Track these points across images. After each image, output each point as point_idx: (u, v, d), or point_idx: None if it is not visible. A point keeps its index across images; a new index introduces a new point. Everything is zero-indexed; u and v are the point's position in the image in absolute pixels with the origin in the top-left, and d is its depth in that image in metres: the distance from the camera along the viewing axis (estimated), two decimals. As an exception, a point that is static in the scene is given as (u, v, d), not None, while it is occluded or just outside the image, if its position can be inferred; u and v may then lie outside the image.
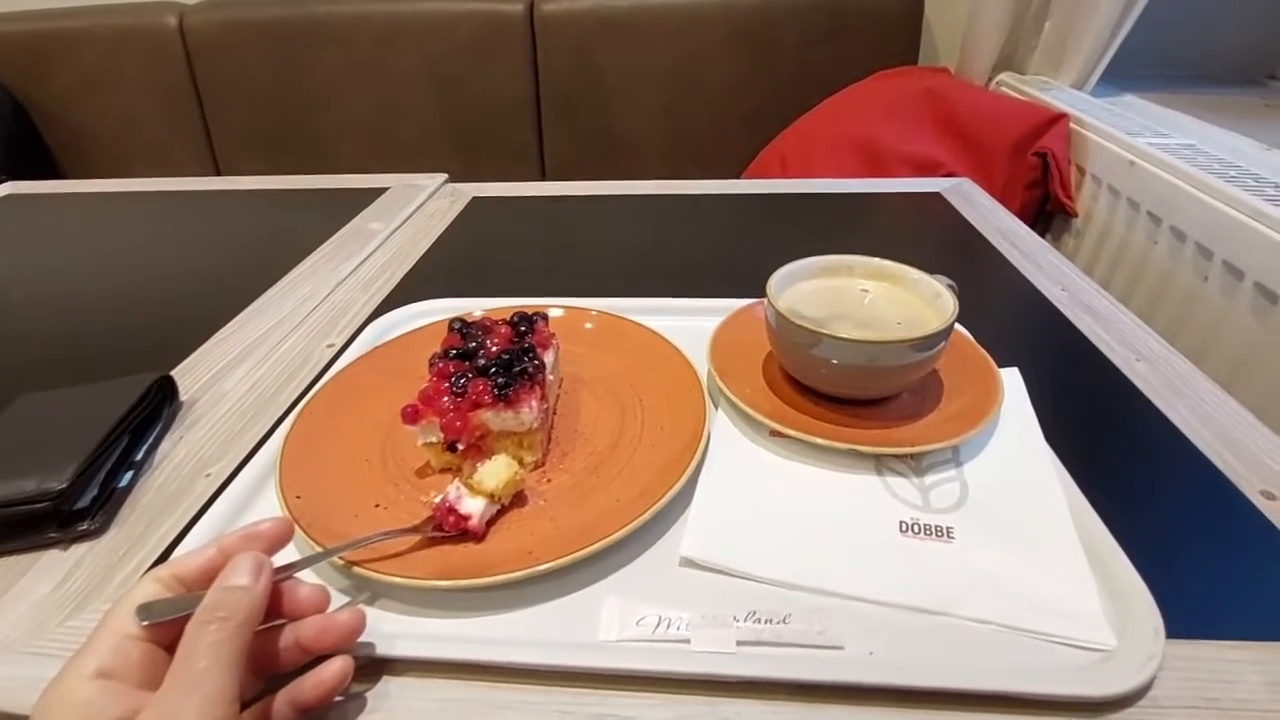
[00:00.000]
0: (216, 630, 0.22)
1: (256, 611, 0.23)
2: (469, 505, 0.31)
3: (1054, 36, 1.14)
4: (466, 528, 0.31)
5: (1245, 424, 0.40)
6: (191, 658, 0.21)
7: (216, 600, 0.23)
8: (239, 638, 0.22)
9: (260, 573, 0.24)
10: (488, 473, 0.32)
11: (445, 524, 0.31)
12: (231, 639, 0.22)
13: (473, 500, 0.31)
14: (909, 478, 0.36)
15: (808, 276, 0.43)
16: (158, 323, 0.57)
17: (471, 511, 0.31)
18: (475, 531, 0.31)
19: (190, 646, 0.22)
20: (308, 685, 0.25)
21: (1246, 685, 0.26)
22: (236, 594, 0.23)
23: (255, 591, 0.23)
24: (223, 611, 0.22)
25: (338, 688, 0.25)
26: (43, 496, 0.34)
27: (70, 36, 1.38)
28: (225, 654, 0.22)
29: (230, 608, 0.23)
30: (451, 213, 0.77)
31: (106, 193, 0.89)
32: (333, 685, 0.25)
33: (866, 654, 0.27)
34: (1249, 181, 0.72)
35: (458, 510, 0.31)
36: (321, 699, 0.25)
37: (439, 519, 0.31)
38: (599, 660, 0.27)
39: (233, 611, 0.22)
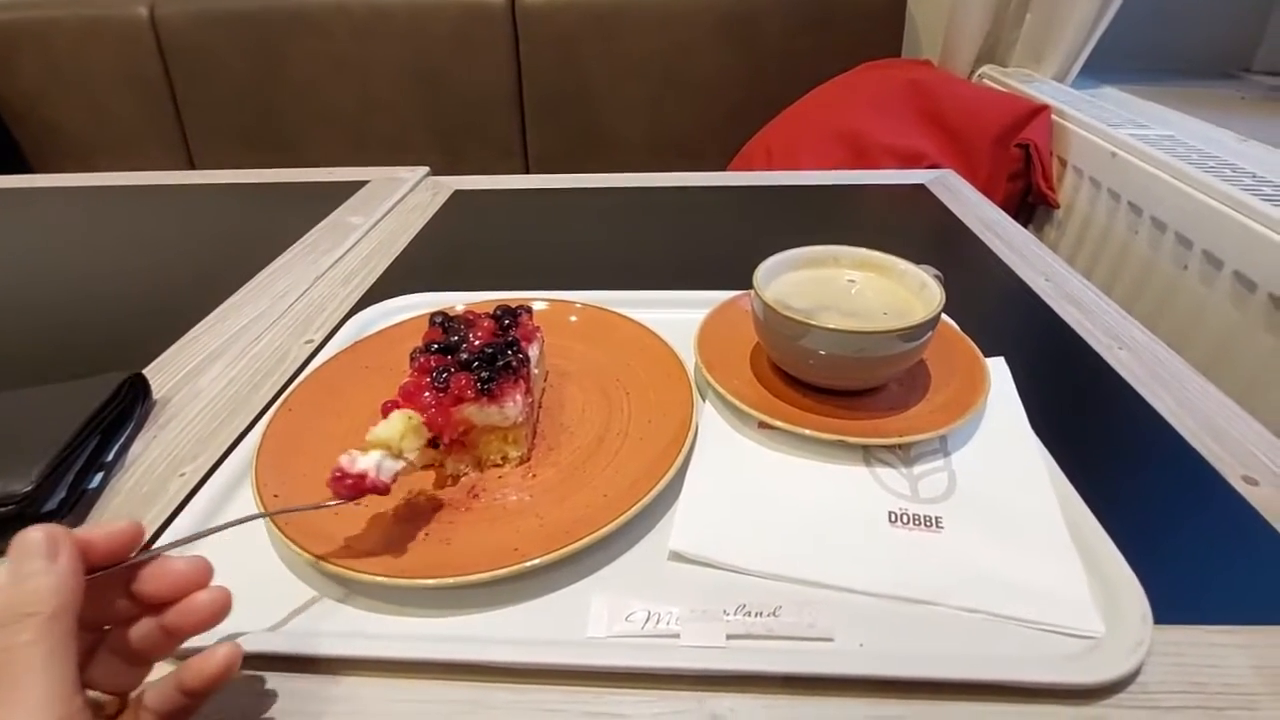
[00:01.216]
0: (24, 629, 0.19)
1: (68, 595, 0.20)
2: (362, 463, 0.29)
3: (1035, 29, 1.15)
4: (364, 487, 0.29)
5: (1226, 411, 0.41)
6: (4, 667, 0.19)
7: (16, 596, 0.20)
8: (56, 629, 0.19)
9: (56, 551, 0.20)
10: (380, 428, 0.30)
11: (340, 490, 0.29)
12: (46, 634, 0.19)
13: (366, 457, 0.30)
14: (897, 468, 0.36)
15: (794, 268, 0.43)
16: (129, 320, 0.56)
17: (366, 468, 0.29)
18: (375, 486, 0.29)
19: (2, 655, 0.19)
20: (190, 674, 0.23)
21: (1233, 669, 0.26)
22: (37, 581, 0.20)
23: (58, 571, 0.20)
24: (29, 605, 0.19)
25: (222, 676, 0.23)
26: (7, 499, 0.32)
27: (38, 27, 1.34)
28: (44, 651, 0.19)
29: (36, 599, 0.19)
30: (433, 206, 0.76)
31: (76, 187, 0.87)
32: (216, 674, 0.23)
33: (857, 645, 0.27)
34: (1227, 172, 0.73)
35: (350, 472, 0.29)
36: (205, 686, 0.23)
37: (333, 487, 0.29)
38: (589, 657, 0.27)
39: (39, 602, 0.19)
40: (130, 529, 0.23)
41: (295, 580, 0.31)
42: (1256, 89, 1.16)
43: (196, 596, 0.23)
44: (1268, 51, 1.25)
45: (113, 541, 0.23)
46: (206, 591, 0.23)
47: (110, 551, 0.23)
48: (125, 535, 0.23)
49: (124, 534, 0.23)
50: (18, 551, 0.21)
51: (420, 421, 0.32)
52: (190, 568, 0.23)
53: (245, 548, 0.32)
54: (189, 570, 0.23)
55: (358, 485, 0.30)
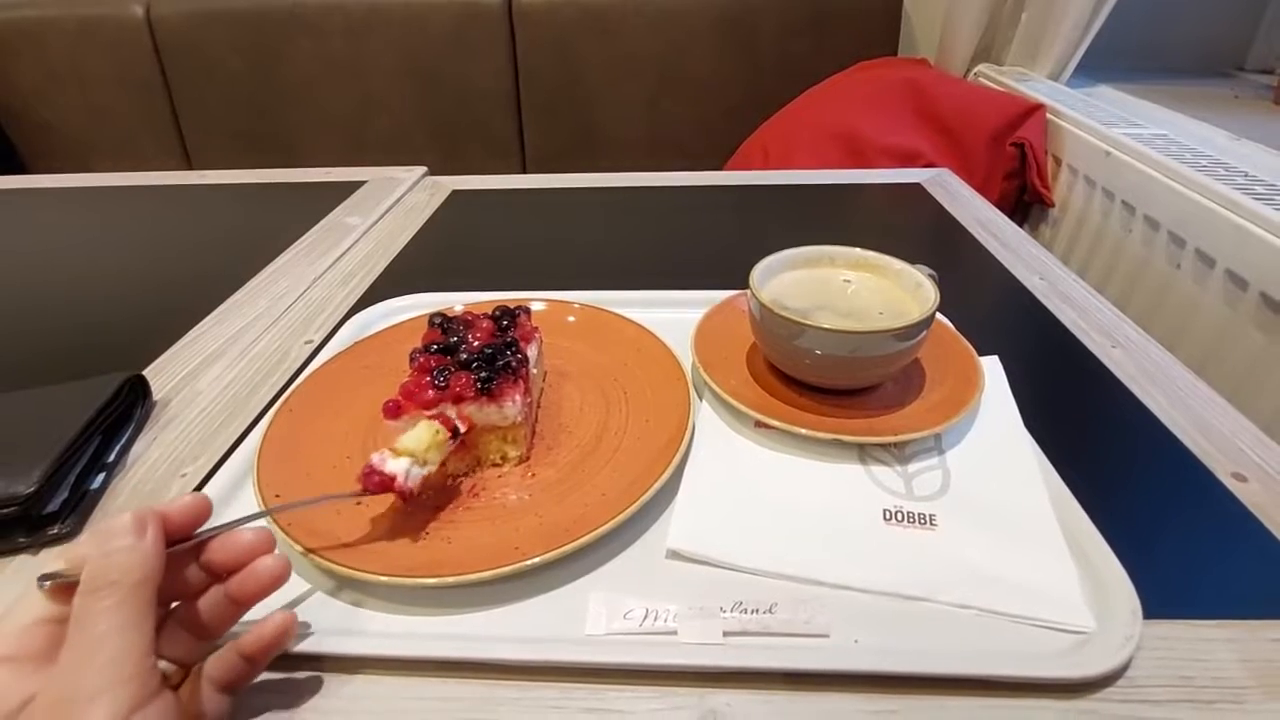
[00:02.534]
0: (108, 594, 0.21)
1: (151, 568, 0.22)
2: (393, 465, 0.31)
3: (1030, 28, 1.15)
4: (392, 487, 0.31)
5: (1217, 408, 0.41)
6: (85, 626, 0.21)
7: (103, 565, 0.22)
8: (136, 598, 0.21)
9: (144, 528, 0.23)
10: (409, 437, 0.32)
11: (370, 485, 0.31)
12: (126, 601, 0.21)
13: (396, 461, 0.31)
14: (892, 466, 0.36)
15: (790, 268, 0.43)
16: (129, 321, 0.56)
17: (396, 471, 0.31)
18: (402, 491, 0.31)
19: (83, 614, 0.21)
20: (249, 639, 0.25)
21: (1221, 663, 0.27)
22: (122, 554, 0.22)
23: (143, 548, 0.22)
24: (114, 574, 0.21)
25: (278, 642, 0.25)
26: (10, 501, 0.33)
27: (34, 27, 1.33)
28: (122, 616, 0.21)
29: (121, 569, 0.21)
30: (431, 206, 0.76)
31: (74, 188, 0.87)
32: (271, 640, 0.25)
33: (852, 642, 0.28)
34: (1219, 171, 0.73)
35: (382, 471, 0.31)
36: (263, 652, 0.25)
37: (364, 482, 0.31)
38: (587, 654, 0.27)
39: (124, 572, 0.21)
40: (201, 502, 0.26)
41: (298, 579, 0.31)
42: (1250, 87, 1.16)
43: (261, 561, 0.25)
44: (1261, 50, 1.26)
45: (187, 513, 0.25)
46: (269, 557, 0.25)
47: (185, 524, 0.25)
48: (198, 507, 0.25)
49: (197, 506, 0.25)
50: (107, 529, 0.23)
51: (445, 437, 0.33)
52: (256, 537, 0.25)
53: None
54: (255, 540, 0.25)
55: (386, 484, 0.31)
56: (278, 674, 0.27)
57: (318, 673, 0.27)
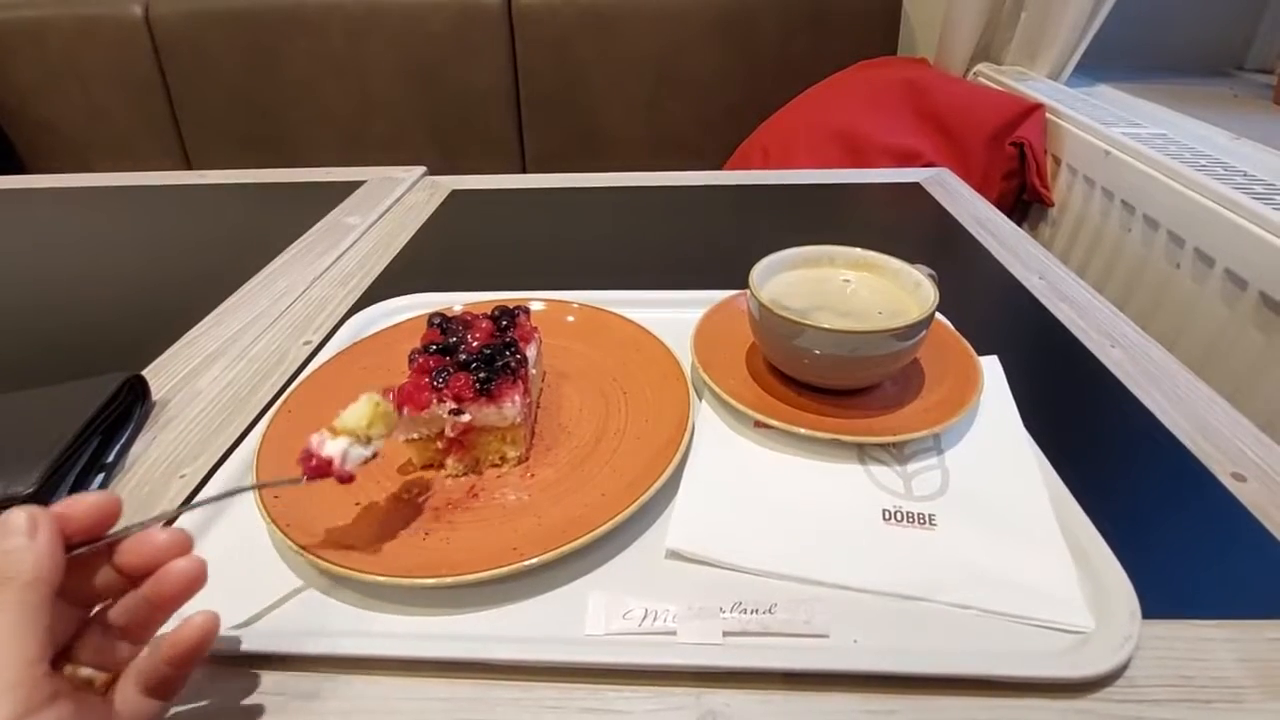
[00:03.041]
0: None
1: (43, 569, 0.21)
2: (330, 448, 0.30)
3: (1030, 28, 1.15)
4: (330, 472, 0.30)
5: (1216, 408, 0.41)
6: None
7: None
8: (27, 598, 0.20)
9: (35, 527, 0.22)
10: (347, 412, 0.31)
11: (307, 468, 0.30)
12: (16, 602, 0.20)
13: (334, 442, 0.30)
14: (891, 466, 0.36)
15: (790, 267, 0.43)
16: (127, 321, 0.56)
17: (333, 453, 0.30)
18: (339, 474, 0.30)
19: None
20: (168, 644, 0.23)
21: (1220, 663, 0.27)
22: (14, 554, 0.21)
23: (35, 548, 0.21)
24: (2, 575, 0.21)
25: (200, 644, 0.23)
26: (9, 501, 0.33)
27: (32, 26, 1.33)
28: (12, 618, 0.20)
29: (10, 569, 0.21)
30: (430, 206, 0.76)
31: (72, 188, 0.87)
32: (193, 643, 0.23)
33: (851, 642, 0.28)
34: (1218, 170, 0.73)
35: (318, 454, 0.30)
36: (185, 656, 0.23)
37: (302, 466, 0.30)
38: (586, 655, 0.27)
39: (14, 573, 0.21)
40: (108, 501, 0.24)
41: (297, 580, 0.31)
42: (1249, 87, 1.16)
43: (174, 564, 0.24)
44: (1260, 49, 1.26)
45: (91, 514, 0.23)
46: (183, 559, 0.24)
47: (89, 524, 0.23)
48: (103, 506, 0.24)
49: (102, 505, 0.24)
50: (1, 524, 0.22)
51: (389, 407, 0.31)
52: (169, 540, 0.24)
53: (248, 548, 0.32)
54: (168, 542, 0.24)
55: (322, 468, 0.30)
56: (276, 675, 0.27)
57: (316, 673, 0.27)
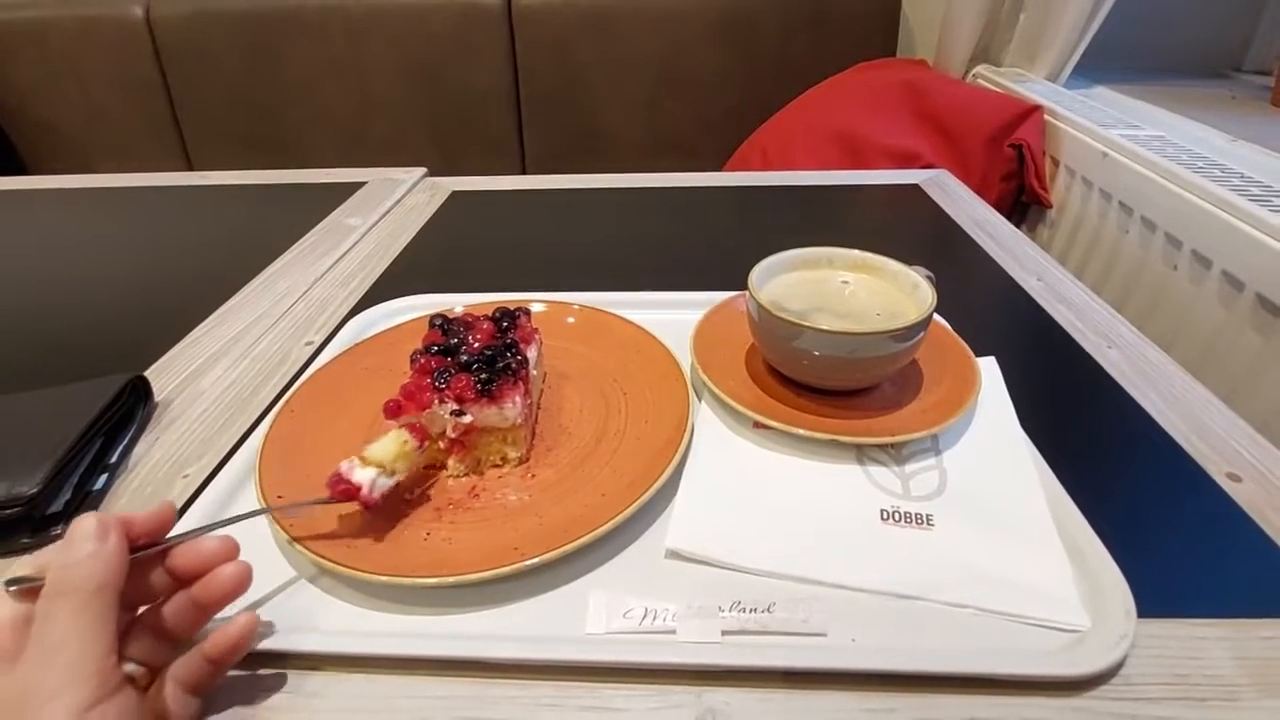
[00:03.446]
0: (69, 598, 0.22)
1: (113, 572, 0.23)
2: (359, 475, 0.31)
3: (1029, 29, 1.16)
4: (357, 497, 0.31)
5: (1212, 409, 0.41)
6: (46, 629, 0.21)
7: (66, 570, 0.22)
8: (96, 602, 0.22)
9: (106, 534, 0.23)
10: (377, 446, 0.33)
11: (335, 493, 0.31)
12: (87, 605, 0.22)
13: (363, 470, 0.32)
14: (890, 467, 0.36)
15: (789, 269, 0.43)
16: (130, 322, 0.56)
17: (362, 480, 0.31)
18: (366, 501, 0.31)
19: (44, 618, 0.22)
20: (212, 642, 0.25)
21: (1215, 661, 0.27)
22: (84, 560, 0.23)
23: (105, 553, 0.23)
24: (76, 579, 0.22)
25: (241, 644, 0.25)
26: (13, 501, 0.33)
27: (33, 27, 1.33)
28: (83, 619, 0.21)
29: (82, 574, 0.22)
30: (431, 207, 0.77)
31: (73, 188, 0.87)
32: (234, 642, 0.25)
33: (849, 641, 0.28)
34: (1216, 173, 0.73)
35: (348, 480, 0.31)
36: (227, 654, 0.25)
37: (330, 489, 0.31)
38: (586, 653, 0.27)
39: (85, 578, 0.22)
40: (165, 509, 0.26)
41: (301, 580, 0.31)
42: (1247, 88, 1.17)
43: (222, 569, 0.26)
44: (1258, 51, 1.26)
45: (152, 521, 0.26)
46: (230, 564, 0.26)
47: (150, 530, 0.26)
48: (163, 514, 0.26)
49: (161, 514, 0.26)
50: (72, 533, 0.23)
51: (414, 446, 0.33)
52: (220, 545, 0.26)
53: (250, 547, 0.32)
54: (219, 548, 0.26)
55: (350, 493, 0.31)
56: (279, 673, 0.28)
57: (318, 671, 0.28)
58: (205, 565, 0.25)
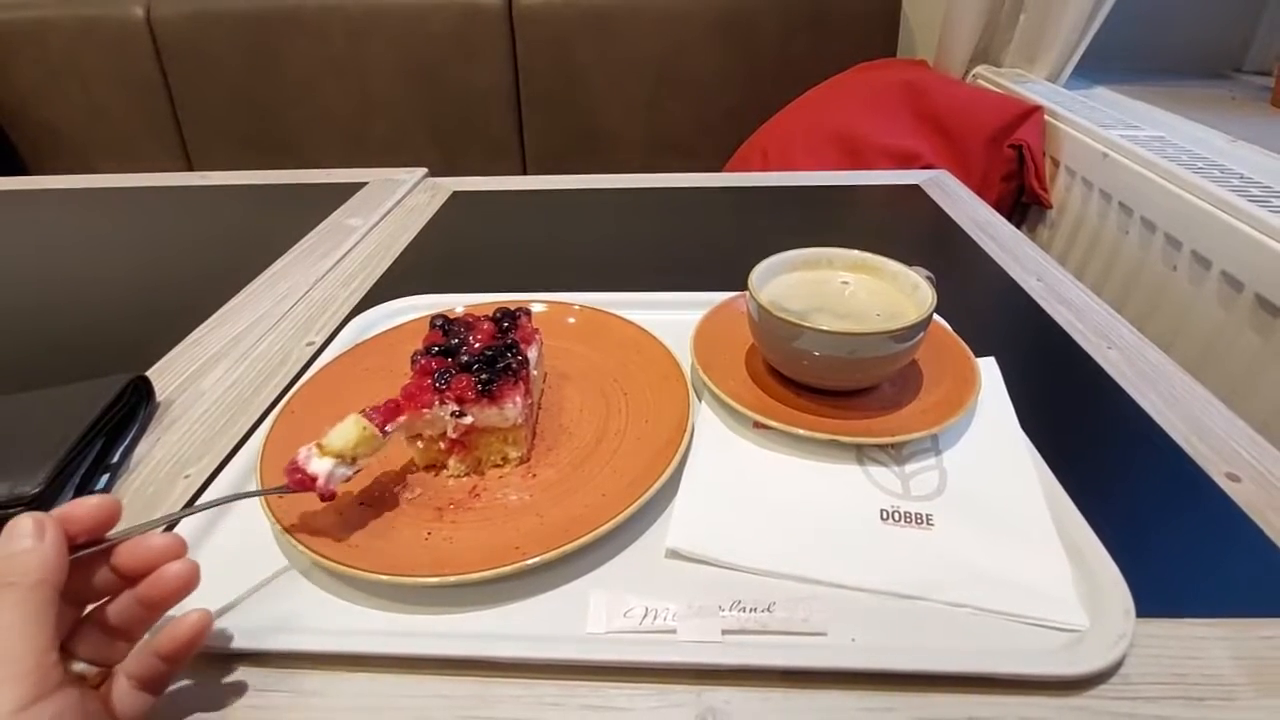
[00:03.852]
0: (5, 595, 0.21)
1: (49, 569, 0.22)
2: (316, 465, 0.31)
3: (1029, 30, 1.16)
4: (313, 488, 0.31)
5: (1212, 409, 0.42)
6: None
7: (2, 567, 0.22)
8: (33, 597, 0.22)
9: (43, 531, 0.23)
10: (336, 433, 0.32)
11: (292, 481, 0.31)
12: (23, 601, 0.21)
13: (320, 460, 0.31)
14: (889, 467, 0.36)
15: (789, 269, 0.44)
16: (131, 322, 0.56)
17: (318, 471, 0.31)
18: (322, 492, 0.31)
19: None
20: (163, 639, 0.25)
21: (1213, 660, 0.27)
22: (21, 556, 0.22)
23: (41, 550, 0.22)
24: (11, 576, 0.22)
25: (193, 642, 0.25)
26: (15, 501, 0.33)
27: (34, 27, 1.33)
28: (18, 615, 0.21)
29: (18, 571, 0.22)
30: (431, 207, 0.77)
31: (74, 189, 0.87)
32: (185, 640, 0.25)
33: (849, 640, 0.28)
34: (1216, 173, 0.73)
35: (305, 470, 0.31)
36: (179, 652, 0.25)
37: (287, 478, 0.31)
38: (587, 653, 0.27)
39: (22, 573, 0.22)
40: (107, 504, 0.25)
41: (301, 579, 0.31)
42: (1247, 89, 1.17)
43: (167, 568, 0.25)
44: (1258, 52, 1.27)
45: (91, 517, 0.25)
46: (177, 563, 0.25)
47: (90, 526, 0.25)
48: (103, 510, 0.25)
49: (102, 509, 0.25)
50: (8, 532, 0.23)
51: (374, 431, 0.33)
52: (165, 544, 0.25)
53: (252, 547, 0.33)
54: (164, 545, 0.25)
55: (306, 483, 0.31)
56: (279, 674, 0.28)
57: (321, 670, 0.28)
58: (151, 564, 0.25)
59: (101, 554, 0.25)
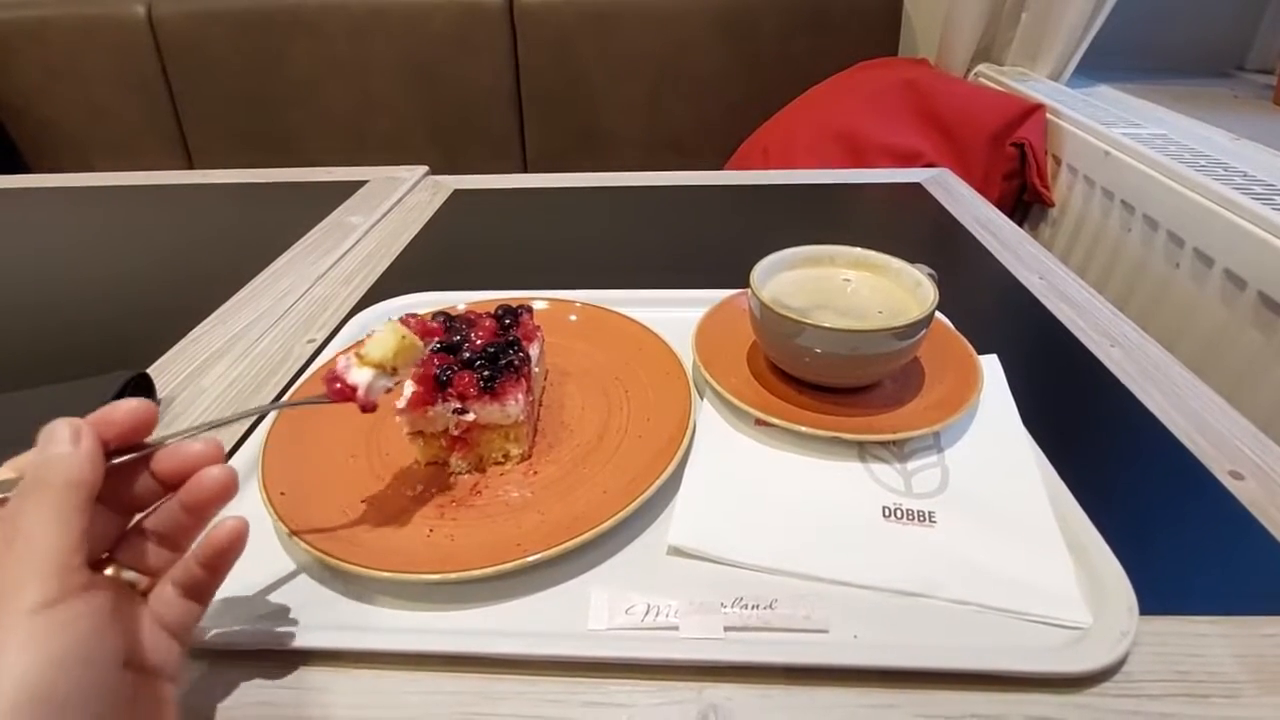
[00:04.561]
0: (37, 495, 0.21)
1: (84, 470, 0.22)
2: (355, 375, 0.30)
3: (1031, 28, 1.15)
4: (353, 398, 0.30)
5: (1215, 407, 0.41)
6: (16, 524, 0.21)
7: (37, 469, 0.22)
8: (65, 499, 0.21)
9: (78, 436, 0.23)
10: (374, 342, 0.31)
11: (331, 391, 0.30)
12: (54, 501, 0.21)
13: (360, 370, 0.30)
14: (891, 464, 0.36)
15: (790, 267, 0.43)
16: (132, 320, 0.56)
17: (358, 381, 0.30)
18: (363, 404, 0.30)
19: (14, 513, 0.21)
20: (202, 547, 0.25)
21: (1216, 658, 0.27)
22: (55, 459, 0.22)
23: (76, 453, 0.22)
24: (45, 476, 0.22)
25: (233, 546, 0.25)
26: (17, 498, 0.33)
27: (35, 26, 1.33)
28: (48, 514, 0.21)
29: (52, 471, 0.22)
30: (433, 206, 0.77)
31: (75, 187, 0.87)
32: (224, 544, 0.25)
33: (851, 637, 0.28)
34: (1218, 171, 0.73)
35: (344, 379, 0.30)
36: (218, 558, 0.25)
37: (327, 388, 0.30)
38: (589, 649, 0.27)
39: (55, 474, 0.22)
40: (141, 407, 0.25)
41: (304, 576, 0.31)
42: (1249, 87, 1.17)
43: (206, 472, 0.25)
44: (1260, 50, 1.26)
45: (129, 420, 0.24)
46: (216, 467, 0.25)
47: (127, 430, 0.24)
48: (140, 413, 0.25)
49: (139, 412, 0.25)
50: (45, 436, 0.23)
51: (415, 340, 0.32)
52: (202, 449, 0.25)
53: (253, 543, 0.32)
54: (203, 450, 0.25)
55: (346, 394, 0.30)
56: (282, 668, 0.28)
57: (323, 667, 0.28)
58: (189, 469, 0.25)
59: (142, 460, 0.25)
